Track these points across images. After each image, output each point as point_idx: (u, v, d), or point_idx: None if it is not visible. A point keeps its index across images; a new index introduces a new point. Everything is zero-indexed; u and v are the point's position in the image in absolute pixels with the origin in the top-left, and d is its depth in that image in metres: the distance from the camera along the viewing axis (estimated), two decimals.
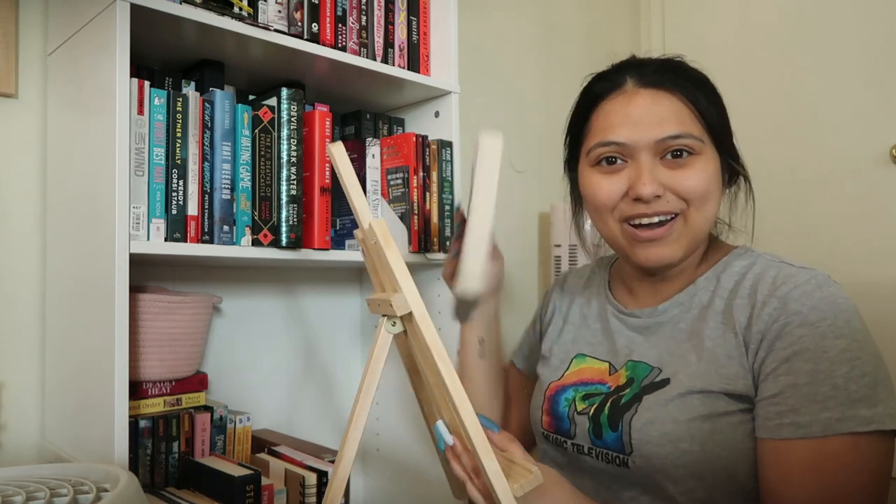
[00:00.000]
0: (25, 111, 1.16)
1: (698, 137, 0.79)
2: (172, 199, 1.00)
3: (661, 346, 0.82)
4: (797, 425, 0.69)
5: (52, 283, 1.13)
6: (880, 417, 0.68)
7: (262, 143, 1.08)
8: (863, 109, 1.85)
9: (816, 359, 0.70)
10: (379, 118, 1.41)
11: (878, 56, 1.83)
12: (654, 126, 0.79)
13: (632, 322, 0.87)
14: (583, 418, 0.85)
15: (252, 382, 1.40)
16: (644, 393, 0.80)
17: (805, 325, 0.71)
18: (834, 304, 0.72)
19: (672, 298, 0.84)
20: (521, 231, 1.96)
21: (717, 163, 0.81)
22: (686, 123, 0.79)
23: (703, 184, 0.79)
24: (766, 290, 0.75)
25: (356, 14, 1.24)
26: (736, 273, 0.80)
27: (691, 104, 0.80)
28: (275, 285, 1.44)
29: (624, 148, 0.81)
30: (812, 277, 0.74)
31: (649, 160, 0.79)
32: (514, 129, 1.93)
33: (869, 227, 1.82)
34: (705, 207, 0.79)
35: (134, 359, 1.06)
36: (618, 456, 0.80)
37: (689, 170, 0.79)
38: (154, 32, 1.03)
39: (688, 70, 0.84)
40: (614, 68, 0.87)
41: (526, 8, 1.99)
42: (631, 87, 0.83)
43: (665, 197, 0.79)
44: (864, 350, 0.70)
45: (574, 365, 0.92)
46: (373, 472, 1.50)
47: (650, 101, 0.80)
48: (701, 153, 0.79)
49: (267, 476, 1.14)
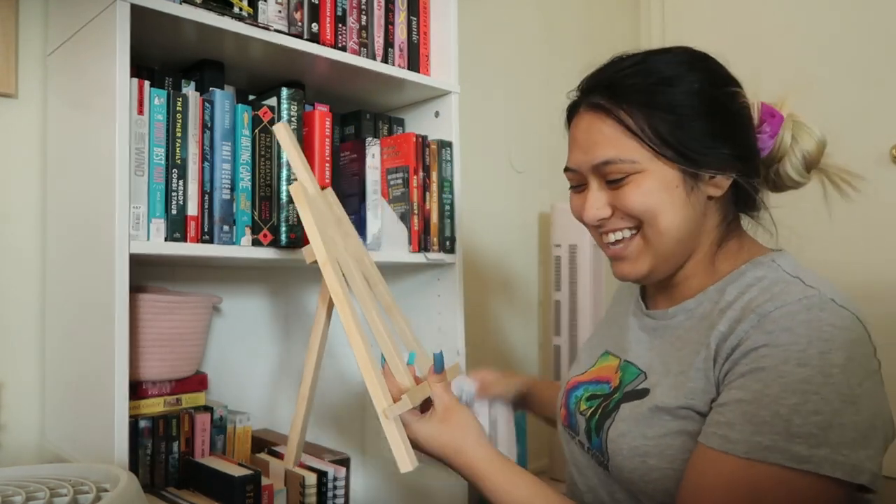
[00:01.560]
0: (25, 111, 1.16)
1: (630, 160, 0.76)
2: (172, 199, 1.00)
3: (657, 350, 0.82)
4: (726, 439, 0.66)
5: (52, 283, 1.13)
6: (818, 460, 0.62)
7: (262, 143, 1.08)
8: (863, 109, 1.85)
9: (769, 381, 0.65)
10: (379, 118, 1.41)
11: (878, 56, 1.83)
12: (590, 151, 0.79)
13: (646, 322, 0.86)
14: (582, 419, 0.86)
15: (252, 382, 1.40)
16: (623, 400, 0.79)
17: (771, 345, 0.67)
18: (815, 331, 0.66)
19: (681, 304, 0.82)
20: (521, 231, 1.96)
21: (666, 176, 0.76)
22: (618, 146, 0.76)
23: (640, 201, 0.76)
24: (754, 305, 0.71)
25: (356, 14, 1.24)
26: (744, 284, 0.76)
27: (624, 125, 0.76)
28: (275, 285, 1.44)
29: (576, 173, 0.83)
30: (806, 298, 0.68)
31: (595, 184, 0.80)
32: (514, 129, 1.93)
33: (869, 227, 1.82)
34: (657, 223, 0.76)
35: (134, 359, 1.06)
36: (603, 460, 0.81)
37: (627, 188, 0.77)
38: (154, 32, 1.03)
39: (634, 75, 0.78)
40: (581, 83, 0.84)
41: (526, 8, 1.99)
42: (582, 108, 0.82)
43: (615, 216, 0.79)
44: (831, 388, 0.64)
45: (600, 362, 0.92)
46: (373, 472, 1.50)
47: (587, 125, 0.80)
48: (640, 172, 0.76)
49: (267, 476, 1.14)
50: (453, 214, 1.34)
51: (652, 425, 0.74)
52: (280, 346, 1.45)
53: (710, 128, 0.77)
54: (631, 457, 0.75)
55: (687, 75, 0.78)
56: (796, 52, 1.98)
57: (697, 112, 0.77)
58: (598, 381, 0.88)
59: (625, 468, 0.76)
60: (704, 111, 0.77)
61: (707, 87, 0.78)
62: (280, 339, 1.45)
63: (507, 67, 1.92)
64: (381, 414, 0.77)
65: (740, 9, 2.11)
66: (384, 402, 0.78)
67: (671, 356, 0.78)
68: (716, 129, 0.77)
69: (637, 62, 0.79)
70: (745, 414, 0.66)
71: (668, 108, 0.76)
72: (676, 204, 0.76)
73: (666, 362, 0.78)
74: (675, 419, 0.73)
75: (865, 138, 1.83)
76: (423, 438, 0.79)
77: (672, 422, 0.73)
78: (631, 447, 0.75)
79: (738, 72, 0.87)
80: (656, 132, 0.75)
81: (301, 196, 0.89)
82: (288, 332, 1.46)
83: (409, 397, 0.78)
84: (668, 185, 0.76)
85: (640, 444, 0.74)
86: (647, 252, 0.79)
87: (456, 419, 0.78)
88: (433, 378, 0.81)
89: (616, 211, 0.79)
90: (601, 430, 0.80)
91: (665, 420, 0.74)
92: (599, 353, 0.93)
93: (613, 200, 0.78)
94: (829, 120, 2.06)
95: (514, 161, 1.92)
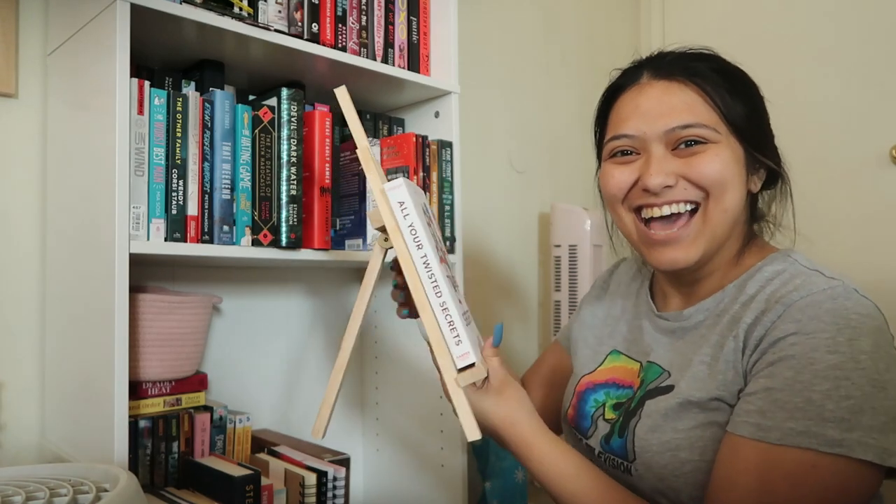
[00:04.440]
0: (25, 111, 1.16)
1: (712, 127, 0.77)
2: (172, 199, 1.00)
3: (679, 350, 0.81)
4: (758, 426, 0.67)
5: (52, 283, 1.13)
6: (850, 443, 0.63)
7: (262, 143, 1.08)
8: (863, 109, 1.85)
9: (800, 368, 0.66)
10: (379, 118, 1.41)
11: (878, 56, 1.83)
12: (663, 116, 0.78)
13: (661, 324, 0.86)
14: (606, 425, 0.85)
15: (252, 382, 1.40)
16: (647, 397, 0.80)
17: (800, 333, 0.68)
18: (842, 319, 0.67)
19: (699, 304, 0.81)
20: (521, 231, 1.96)
21: (737, 153, 0.78)
22: (698, 113, 0.77)
23: (716, 168, 0.76)
24: (778, 296, 0.72)
25: (356, 14, 1.24)
26: (764, 279, 0.76)
27: (706, 94, 0.78)
28: (275, 285, 1.44)
29: (634, 140, 0.80)
30: (830, 288, 0.69)
31: (660, 151, 0.78)
32: (514, 129, 1.93)
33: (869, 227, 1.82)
34: (724, 198, 0.77)
35: (134, 359, 1.06)
36: (622, 462, 0.80)
37: (703, 156, 0.77)
38: (154, 32, 1.03)
39: (710, 60, 0.81)
40: (635, 62, 0.86)
41: (526, 7, 1.99)
42: (645, 79, 0.82)
43: (678, 186, 0.77)
44: (861, 373, 0.65)
45: (609, 361, 0.91)
46: (373, 471, 1.50)
47: (661, 92, 0.79)
48: (717, 142, 0.77)
49: (266, 476, 1.14)
50: (453, 214, 1.34)
51: (682, 418, 0.75)
52: (280, 346, 1.45)
53: (766, 125, 0.83)
54: (662, 452, 0.75)
55: (747, 74, 0.84)
56: (796, 52, 1.98)
57: (760, 106, 0.82)
58: (618, 384, 0.88)
59: (654, 464, 0.76)
60: (763, 108, 0.83)
61: (759, 90, 0.84)
62: (280, 338, 1.45)
63: (507, 67, 1.92)
64: (453, 382, 0.72)
65: (740, 9, 2.11)
66: (454, 370, 0.73)
67: (694, 353, 0.78)
68: (768, 127, 0.83)
69: (703, 52, 0.84)
70: (777, 401, 0.67)
71: (742, 93, 0.80)
72: (741, 182, 0.78)
73: (689, 359, 0.78)
74: (704, 411, 0.74)
75: (865, 138, 1.83)
76: (481, 411, 0.78)
77: (701, 414, 0.74)
78: (661, 442, 0.75)
79: None
80: (733, 110, 0.78)
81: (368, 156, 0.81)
82: (288, 331, 1.46)
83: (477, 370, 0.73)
84: (736, 162, 0.78)
85: (670, 438, 0.75)
86: (705, 233, 0.78)
87: (511, 392, 0.78)
88: (489, 352, 0.79)
89: (680, 181, 0.77)
90: (626, 430, 0.80)
91: (695, 413, 0.74)
92: (607, 351, 0.93)
93: (683, 168, 0.77)
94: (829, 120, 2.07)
95: (514, 161, 1.92)
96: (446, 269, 0.77)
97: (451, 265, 0.82)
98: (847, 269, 2.00)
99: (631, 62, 0.87)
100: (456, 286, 0.80)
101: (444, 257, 0.79)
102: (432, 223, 0.82)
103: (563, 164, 2.06)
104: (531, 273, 1.99)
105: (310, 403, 1.49)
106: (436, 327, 0.73)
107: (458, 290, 0.82)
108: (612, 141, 0.83)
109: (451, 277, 0.77)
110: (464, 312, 0.77)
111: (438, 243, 0.79)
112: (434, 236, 0.78)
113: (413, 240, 0.74)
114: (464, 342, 0.72)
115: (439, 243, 0.80)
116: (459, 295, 0.80)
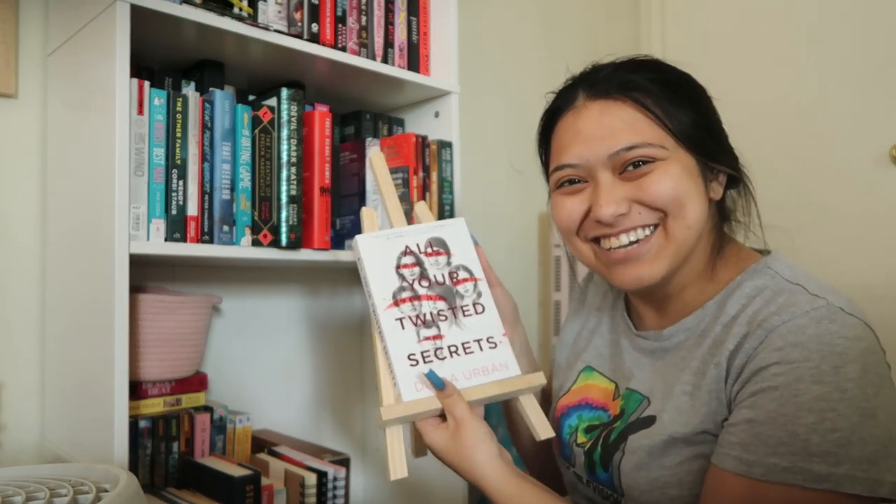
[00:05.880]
0: (25, 111, 1.16)
1: (658, 144, 0.72)
2: (172, 200, 1.00)
3: (660, 373, 0.78)
4: (741, 461, 0.64)
5: (52, 283, 1.13)
6: (837, 478, 0.61)
7: (261, 144, 1.08)
8: (863, 109, 1.85)
9: (783, 400, 0.63)
10: (379, 118, 1.41)
11: (878, 56, 1.83)
12: (605, 140, 0.73)
13: (639, 343, 0.83)
14: (580, 451, 0.82)
15: (252, 382, 1.40)
16: (629, 431, 0.77)
17: (783, 362, 0.64)
18: (826, 345, 0.63)
19: (678, 323, 0.78)
20: (521, 231, 1.96)
21: (688, 166, 0.74)
22: (641, 131, 0.73)
23: (669, 186, 0.72)
24: (759, 319, 0.68)
25: (356, 14, 1.24)
26: (745, 295, 0.73)
27: (646, 109, 0.73)
28: (275, 285, 1.44)
29: (579, 168, 0.76)
30: (814, 310, 0.65)
31: (607, 178, 0.74)
32: (514, 129, 1.93)
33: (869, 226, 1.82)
34: (684, 214, 0.72)
35: (134, 359, 1.06)
36: (611, 494, 0.79)
37: (652, 176, 0.72)
38: (154, 32, 1.03)
39: (647, 70, 0.76)
40: (569, 81, 0.81)
41: (526, 7, 1.99)
42: (581, 101, 0.77)
43: (633, 212, 0.73)
44: (847, 403, 0.62)
45: (581, 379, 0.88)
46: (373, 471, 1.50)
47: (599, 114, 0.75)
48: (665, 159, 0.73)
49: (267, 476, 1.14)
50: (453, 214, 1.34)
51: (668, 454, 0.72)
52: (280, 346, 1.45)
53: (717, 128, 0.79)
54: (650, 490, 0.73)
55: (690, 77, 0.79)
56: (796, 52, 1.98)
57: (707, 110, 0.78)
58: (591, 405, 0.85)
59: (644, 501, 0.74)
60: (711, 111, 0.79)
61: (705, 92, 0.80)
62: (280, 338, 1.45)
63: (507, 67, 1.92)
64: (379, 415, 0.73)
65: (740, 9, 2.11)
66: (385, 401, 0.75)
67: (674, 377, 0.75)
68: (719, 130, 0.79)
69: (638, 62, 0.79)
70: (760, 435, 0.64)
71: (686, 99, 0.75)
72: (699, 194, 0.74)
73: (669, 384, 0.75)
74: (690, 446, 0.71)
75: (865, 138, 1.83)
76: (437, 449, 0.75)
77: (687, 448, 0.71)
78: (649, 480, 0.73)
79: (738, 72, 0.88)
80: (679, 120, 0.74)
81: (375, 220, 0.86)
82: (288, 331, 1.46)
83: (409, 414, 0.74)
84: (692, 173, 0.74)
85: (658, 476, 0.72)
86: (668, 249, 0.74)
87: (464, 432, 0.73)
88: (440, 395, 0.74)
89: (634, 206, 0.73)
90: (609, 464, 0.77)
91: (680, 448, 0.72)
92: (580, 368, 0.90)
93: (634, 192, 0.73)
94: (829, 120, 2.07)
95: (514, 161, 1.92)
96: (410, 308, 0.78)
97: (456, 293, 0.81)
98: (846, 268, 1.99)
99: (565, 81, 0.82)
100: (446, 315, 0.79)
101: (426, 293, 0.79)
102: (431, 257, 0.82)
103: None
104: (531, 273, 1.99)
105: (310, 403, 1.49)
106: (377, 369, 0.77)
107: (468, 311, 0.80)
108: (557, 171, 0.79)
109: (419, 316, 0.78)
110: (434, 349, 0.76)
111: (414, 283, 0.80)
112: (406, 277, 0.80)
113: (365, 290, 0.79)
114: (399, 385, 0.74)
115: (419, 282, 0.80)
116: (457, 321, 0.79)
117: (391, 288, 0.78)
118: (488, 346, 0.79)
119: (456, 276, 0.82)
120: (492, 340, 0.79)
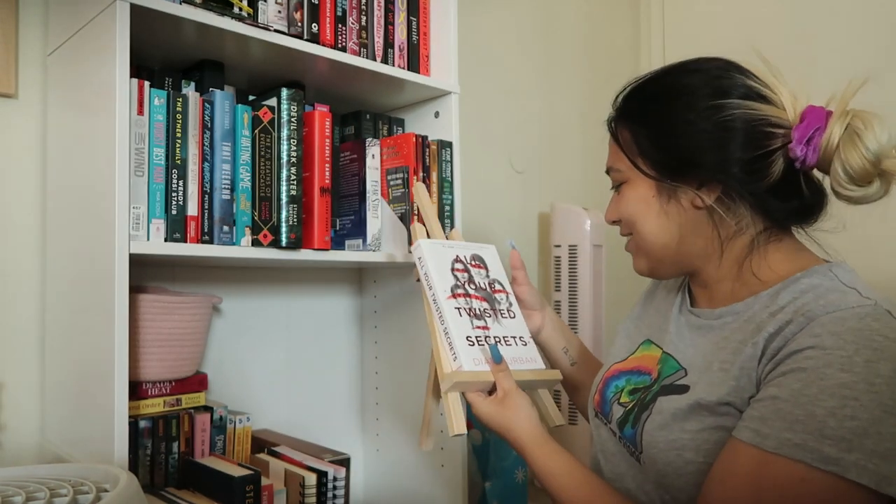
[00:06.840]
0: (25, 111, 1.16)
1: (618, 168, 0.87)
2: (172, 200, 1.00)
3: (700, 349, 0.81)
4: (757, 433, 0.67)
5: (52, 283, 1.13)
6: (846, 464, 0.62)
7: (262, 144, 1.08)
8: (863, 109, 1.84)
9: (808, 381, 0.66)
10: (379, 118, 1.41)
11: (878, 56, 1.83)
12: None
13: (691, 319, 0.87)
14: (620, 409, 0.87)
15: (252, 382, 1.40)
16: (661, 394, 0.80)
17: (817, 347, 0.67)
18: (864, 339, 0.66)
19: (729, 306, 0.81)
20: (521, 231, 1.96)
21: (644, 186, 0.84)
22: (613, 156, 0.88)
23: (626, 206, 0.86)
24: (806, 309, 0.70)
25: (356, 14, 1.24)
26: (798, 290, 0.75)
27: (613, 135, 0.88)
28: (275, 285, 1.44)
29: None
30: (860, 307, 0.68)
31: (612, 193, 0.90)
32: (514, 129, 1.93)
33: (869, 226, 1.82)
34: (639, 229, 0.85)
35: (134, 359, 1.06)
36: (633, 451, 0.82)
37: (621, 195, 0.88)
38: (154, 32, 1.03)
39: (625, 96, 0.87)
40: None
41: (526, 8, 1.99)
42: None
43: (621, 222, 0.89)
44: (873, 396, 0.63)
45: (640, 350, 0.93)
46: (373, 471, 1.51)
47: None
48: (628, 181, 0.86)
49: (267, 476, 1.14)
50: (453, 215, 1.34)
51: (690, 419, 0.75)
52: (280, 346, 1.45)
53: (693, 142, 0.79)
54: (667, 450, 0.76)
55: (675, 91, 0.81)
56: (796, 51, 1.97)
57: (672, 122, 0.80)
58: (640, 370, 0.89)
59: (659, 460, 0.77)
60: (688, 126, 0.79)
61: (694, 101, 0.79)
62: (280, 338, 1.45)
63: (507, 67, 1.92)
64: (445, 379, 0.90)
65: (740, 9, 2.11)
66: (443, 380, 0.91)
67: (713, 355, 0.78)
68: (700, 142, 0.78)
69: (640, 80, 0.87)
70: (779, 411, 0.66)
71: (652, 123, 0.83)
72: (652, 213, 0.84)
73: (708, 361, 0.78)
74: (713, 415, 0.74)
75: None
76: (484, 416, 0.89)
77: (710, 417, 0.74)
78: (668, 440, 0.76)
79: None
80: (638, 146, 0.84)
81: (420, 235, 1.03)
82: (288, 331, 1.46)
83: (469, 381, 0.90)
84: (645, 195, 0.84)
85: (677, 438, 0.75)
86: (641, 252, 0.88)
87: (510, 402, 0.88)
88: (495, 368, 0.90)
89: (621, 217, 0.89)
90: (637, 421, 0.81)
91: (704, 415, 0.74)
92: (641, 341, 0.94)
93: (616, 206, 0.89)
94: None
95: (514, 161, 1.92)
96: (465, 302, 0.97)
97: (496, 299, 1.02)
98: None
99: None
100: (490, 313, 0.99)
101: (474, 293, 0.99)
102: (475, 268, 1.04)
103: (563, 164, 2.06)
104: (531, 273, 1.99)
105: (310, 403, 1.49)
106: (436, 345, 0.94)
107: (504, 315, 1.01)
108: None
109: (471, 309, 0.97)
110: (484, 336, 0.95)
111: (465, 284, 1.00)
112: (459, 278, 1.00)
113: (426, 283, 0.98)
114: (459, 358, 0.90)
115: (468, 284, 1.00)
116: (498, 320, 0.99)
117: (449, 283, 0.98)
118: (521, 343, 0.99)
119: (494, 287, 1.03)
120: (523, 339, 1.00)
